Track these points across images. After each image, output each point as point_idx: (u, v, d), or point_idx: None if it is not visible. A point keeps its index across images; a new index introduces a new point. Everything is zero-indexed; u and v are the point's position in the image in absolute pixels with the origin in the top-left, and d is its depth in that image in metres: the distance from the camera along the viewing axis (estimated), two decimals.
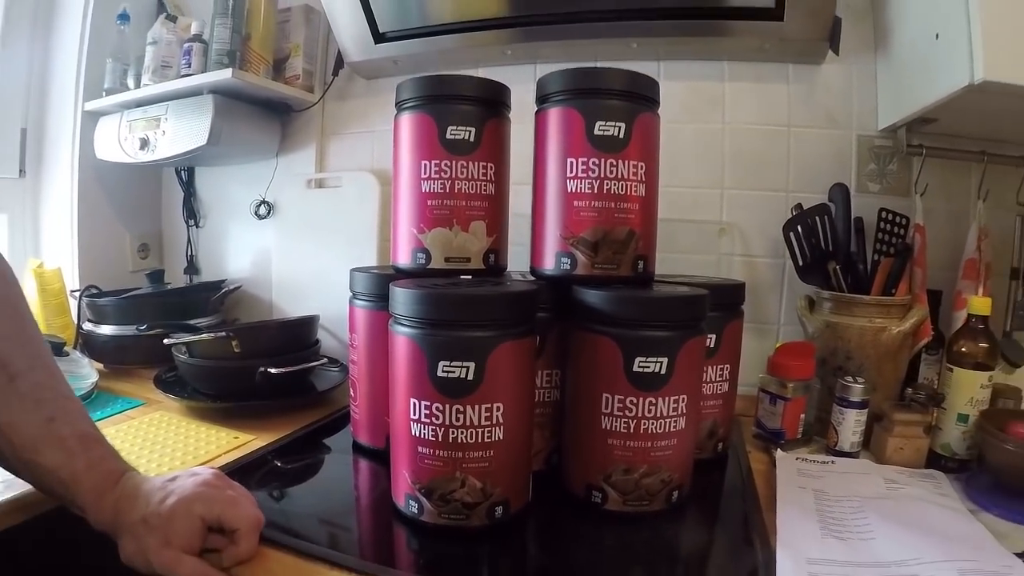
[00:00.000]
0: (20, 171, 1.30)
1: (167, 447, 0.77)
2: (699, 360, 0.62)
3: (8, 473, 0.56)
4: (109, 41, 1.21)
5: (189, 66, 1.08)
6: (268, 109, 1.19)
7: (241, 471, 0.69)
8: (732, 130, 0.98)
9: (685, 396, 0.58)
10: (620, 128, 0.62)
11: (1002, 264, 0.89)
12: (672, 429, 0.58)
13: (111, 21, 1.21)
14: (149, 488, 0.53)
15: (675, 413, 0.58)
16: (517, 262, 0.77)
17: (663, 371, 0.57)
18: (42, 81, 1.29)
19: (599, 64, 1.00)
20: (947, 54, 0.72)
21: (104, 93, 1.20)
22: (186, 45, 1.09)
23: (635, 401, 0.57)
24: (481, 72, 1.06)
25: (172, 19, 1.18)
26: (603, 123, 0.62)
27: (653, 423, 0.57)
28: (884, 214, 0.88)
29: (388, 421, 0.61)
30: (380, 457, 0.72)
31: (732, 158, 0.98)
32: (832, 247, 0.87)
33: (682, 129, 0.98)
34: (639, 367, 0.56)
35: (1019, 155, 0.87)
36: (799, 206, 0.89)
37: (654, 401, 0.57)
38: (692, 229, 0.98)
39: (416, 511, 0.56)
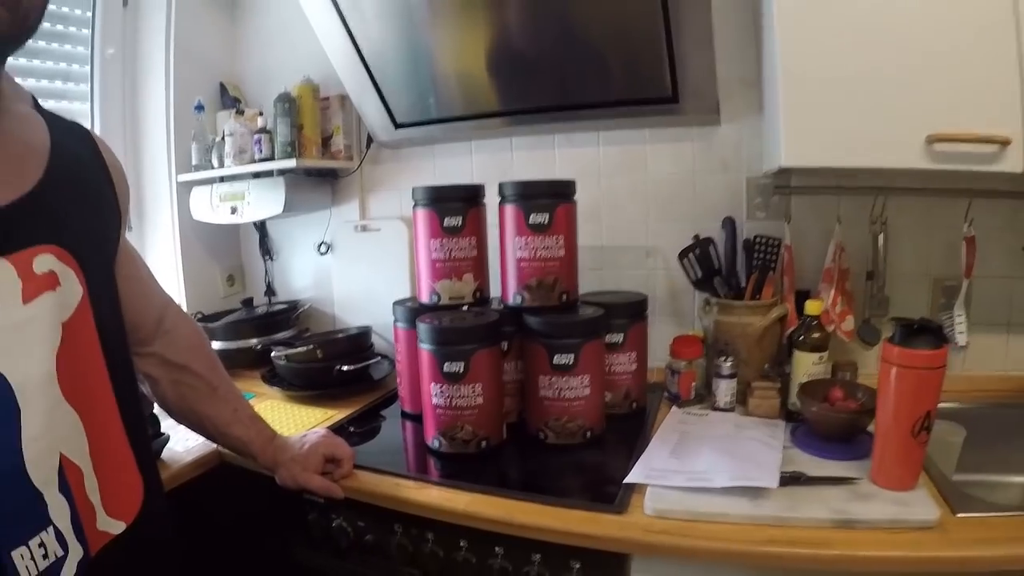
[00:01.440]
0: (128, 227, 1.85)
1: (284, 421, 1.30)
2: (598, 353, 1.11)
3: (191, 443, 1.11)
4: (190, 125, 1.71)
5: (261, 151, 1.58)
6: (322, 176, 1.70)
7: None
8: (653, 179, 1.42)
9: (588, 375, 1.07)
10: (546, 216, 1.10)
11: (861, 268, 1.28)
12: (581, 395, 1.07)
13: (189, 109, 1.70)
14: (292, 441, 1.03)
15: (582, 385, 1.07)
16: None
17: (571, 363, 1.06)
18: (135, 159, 1.80)
19: (556, 136, 1.47)
20: (775, 138, 1.13)
21: (193, 169, 1.70)
22: (256, 136, 1.59)
23: (557, 379, 1.07)
24: (473, 144, 1.54)
25: (240, 112, 1.68)
26: (535, 215, 1.10)
27: (568, 391, 1.07)
28: (758, 239, 1.30)
29: (421, 397, 1.12)
30: (417, 419, 1.22)
31: (654, 199, 1.43)
32: (719, 265, 1.32)
33: (618, 180, 1.44)
34: (557, 361, 1.06)
35: (870, 185, 1.25)
36: (696, 236, 1.34)
37: (568, 379, 1.07)
38: (627, 252, 1.45)
39: (438, 446, 1.08)
